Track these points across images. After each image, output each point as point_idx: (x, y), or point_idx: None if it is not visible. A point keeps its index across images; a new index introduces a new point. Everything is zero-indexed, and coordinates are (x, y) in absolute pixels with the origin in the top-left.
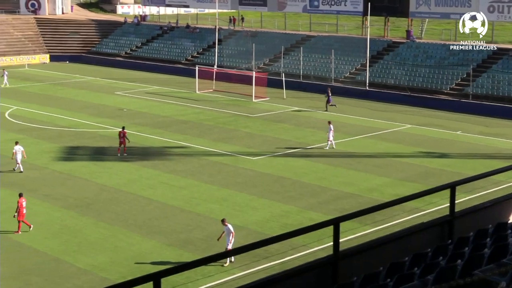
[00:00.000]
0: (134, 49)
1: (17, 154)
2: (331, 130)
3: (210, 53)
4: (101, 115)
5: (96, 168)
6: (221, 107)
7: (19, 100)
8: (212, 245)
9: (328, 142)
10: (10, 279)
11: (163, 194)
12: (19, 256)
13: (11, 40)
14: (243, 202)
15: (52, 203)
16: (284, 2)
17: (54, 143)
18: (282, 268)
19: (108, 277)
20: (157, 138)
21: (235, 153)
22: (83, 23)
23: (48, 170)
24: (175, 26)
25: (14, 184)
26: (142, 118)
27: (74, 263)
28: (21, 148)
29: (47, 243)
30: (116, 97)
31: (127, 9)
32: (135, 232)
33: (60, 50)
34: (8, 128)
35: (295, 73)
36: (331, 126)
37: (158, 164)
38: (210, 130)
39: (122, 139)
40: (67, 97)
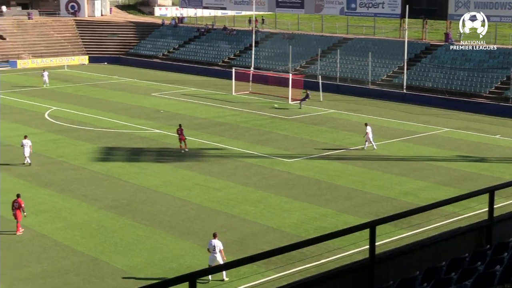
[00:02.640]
0: (171, 50)
1: (25, 148)
2: (369, 132)
3: (247, 55)
4: (138, 117)
5: (132, 169)
6: (258, 109)
7: (59, 100)
8: (247, 247)
9: (366, 143)
10: (48, 277)
11: (198, 195)
12: (57, 255)
13: (51, 41)
14: (278, 204)
15: (90, 203)
16: (321, 4)
17: (93, 143)
18: (318, 270)
19: (144, 277)
20: (193, 139)
21: (271, 155)
22: (122, 25)
23: (86, 171)
24: (212, 28)
25: (53, 184)
26: (178, 120)
27: (110, 263)
28: (29, 143)
29: (84, 243)
30: (153, 98)
31: (165, 11)
32: (170, 233)
33: (98, 52)
34: (47, 128)
35: (331, 75)
36: (368, 128)
37: (194, 166)
38: (246, 132)
39: (181, 135)
40: (105, 98)
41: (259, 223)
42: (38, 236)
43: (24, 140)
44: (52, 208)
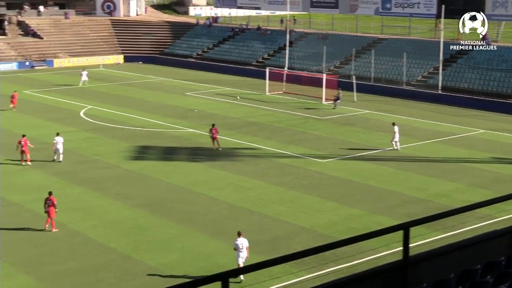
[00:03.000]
0: (205, 50)
1: (58, 145)
2: (396, 132)
3: (281, 55)
4: (172, 116)
5: (166, 167)
6: (291, 109)
7: (94, 99)
8: (279, 246)
9: (397, 143)
10: (82, 274)
11: (231, 195)
12: (91, 252)
13: (87, 41)
14: (310, 204)
15: (124, 201)
16: (356, 4)
17: (127, 142)
18: (350, 271)
19: (176, 276)
20: (226, 139)
21: (304, 155)
22: (157, 24)
23: (120, 169)
24: (246, 28)
25: (87, 182)
26: (212, 119)
27: (143, 261)
28: (61, 139)
29: (118, 240)
30: (187, 98)
31: (199, 11)
32: (202, 232)
33: (133, 51)
34: (83, 127)
35: (366, 75)
36: (395, 127)
37: (227, 165)
38: (279, 132)
39: (214, 135)
40: (139, 98)
41: (291, 223)
42: (72, 233)
43: (57, 137)
44: (86, 206)
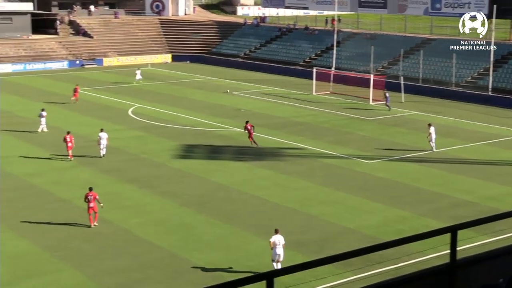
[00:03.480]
0: (253, 50)
1: (102, 140)
2: (432, 132)
3: (328, 55)
4: (219, 115)
5: (212, 166)
6: (338, 109)
7: (142, 98)
8: (325, 247)
9: (430, 144)
10: (130, 271)
11: (277, 194)
12: (138, 250)
13: (136, 40)
14: (356, 205)
15: (171, 199)
16: (405, 4)
17: (174, 141)
18: (396, 274)
19: (222, 274)
20: (272, 139)
21: (350, 156)
22: (204, 24)
23: (168, 168)
24: (293, 28)
25: (135, 180)
26: (258, 119)
27: (190, 260)
28: (105, 135)
29: (165, 238)
30: (234, 97)
31: (247, 11)
32: (248, 232)
33: (181, 50)
34: (131, 125)
35: (414, 76)
36: (431, 128)
37: (273, 165)
38: (325, 132)
39: (250, 131)
40: (187, 97)
41: (337, 224)
42: (120, 230)
43: (101, 133)
44: (134, 203)
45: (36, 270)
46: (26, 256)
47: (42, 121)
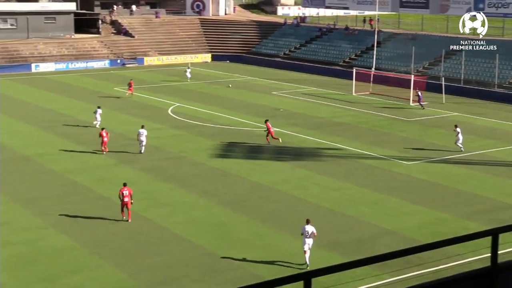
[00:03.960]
0: (292, 50)
1: (141, 137)
2: (459, 133)
3: (368, 56)
4: (258, 115)
5: (250, 166)
6: (377, 110)
7: (182, 97)
8: (363, 248)
9: (459, 145)
10: (168, 269)
11: (315, 194)
12: (177, 248)
13: (176, 39)
14: (395, 207)
15: (209, 199)
16: (447, 4)
17: (213, 140)
18: (435, 276)
19: (259, 274)
20: (311, 139)
21: (390, 157)
22: (244, 24)
23: (206, 166)
24: (333, 28)
25: (174, 178)
26: (297, 119)
27: (227, 258)
28: (144, 132)
29: (203, 237)
30: (273, 97)
31: (287, 11)
32: (286, 231)
33: (221, 50)
34: (170, 124)
35: (455, 77)
36: (458, 129)
37: (311, 165)
38: (365, 133)
39: (268, 129)
40: (226, 96)
41: (375, 225)
42: (159, 228)
43: (141, 130)
44: (173, 202)
45: (76, 267)
46: (67, 253)
47: (97, 118)
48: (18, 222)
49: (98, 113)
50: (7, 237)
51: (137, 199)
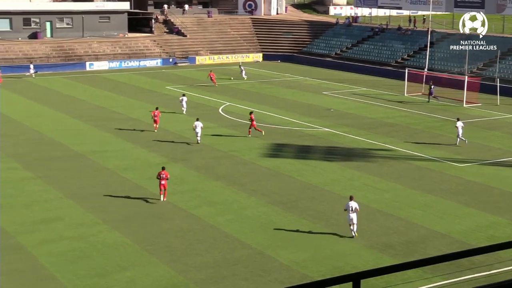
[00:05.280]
0: (344, 50)
1: (197, 128)
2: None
3: (421, 56)
4: (308, 115)
5: (301, 166)
6: (430, 111)
7: (232, 96)
8: (413, 250)
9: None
10: (217, 267)
11: (365, 195)
12: (226, 246)
13: (228, 39)
14: (447, 209)
15: (259, 198)
16: (504, 4)
17: (263, 140)
18: (488, 281)
19: (308, 274)
20: (362, 139)
21: (442, 159)
22: (296, 23)
23: (256, 166)
24: (386, 28)
25: (224, 177)
26: (348, 119)
27: (276, 258)
28: (200, 124)
29: (253, 236)
30: (323, 97)
31: (339, 10)
32: (335, 232)
33: (272, 50)
34: (221, 123)
35: (511, 78)
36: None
37: (362, 166)
38: (416, 134)
39: (252, 121)
40: (276, 95)
41: (426, 227)
42: (209, 226)
43: (196, 122)
44: (223, 200)
45: (127, 263)
46: (118, 249)
47: (184, 105)
48: (71, 217)
49: (184, 101)
50: (62, 232)
51: (187, 198)
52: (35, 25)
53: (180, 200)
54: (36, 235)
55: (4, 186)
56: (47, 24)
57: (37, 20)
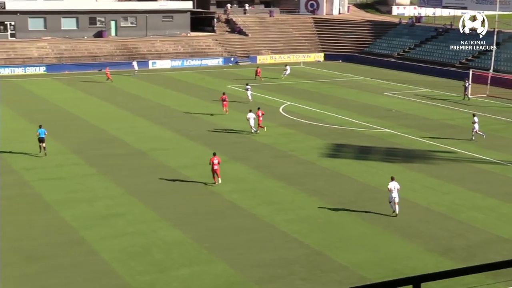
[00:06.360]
0: (406, 50)
1: (250, 120)
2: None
3: (486, 57)
4: (369, 115)
5: (360, 167)
6: (494, 113)
7: (293, 96)
8: (475, 255)
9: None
10: (275, 266)
11: (426, 198)
12: (284, 245)
13: (289, 38)
14: (510, 213)
15: (318, 197)
16: None
17: (323, 139)
18: None
19: (366, 275)
20: (423, 141)
21: (506, 162)
22: (358, 23)
23: (315, 166)
24: (450, 28)
25: (283, 176)
26: (409, 120)
27: (335, 258)
28: (253, 115)
29: (311, 236)
30: (384, 97)
31: (403, 10)
32: (395, 234)
33: (334, 49)
34: (281, 122)
35: None
36: (475, 118)
37: (422, 167)
38: (479, 136)
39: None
40: (337, 96)
41: (488, 231)
42: (267, 225)
43: (249, 114)
44: (281, 199)
45: (186, 260)
46: (178, 246)
47: (248, 94)
48: (132, 214)
49: (249, 90)
50: (123, 228)
51: (246, 196)
52: (100, 24)
53: (240, 198)
54: (98, 230)
55: (68, 182)
56: (112, 23)
57: (103, 19)
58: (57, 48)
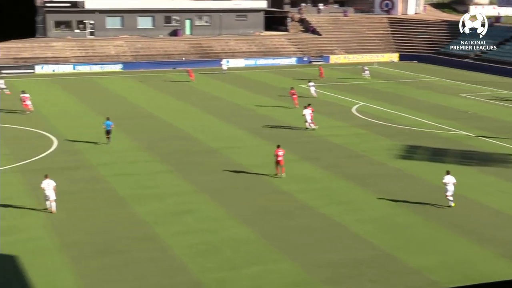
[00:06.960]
0: (484, 51)
1: (306, 116)
2: None
3: None
4: (442, 116)
5: (432, 169)
6: None
7: (366, 96)
8: None
9: None
10: (344, 267)
11: (500, 201)
12: (353, 246)
13: (363, 38)
14: None
15: (388, 199)
16: None
17: (395, 140)
18: None
19: (437, 280)
20: (501, 144)
21: None
22: (434, 23)
23: (386, 166)
24: None
25: (354, 177)
26: (485, 122)
27: (403, 261)
28: (308, 111)
29: (379, 237)
30: (460, 99)
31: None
32: (466, 237)
33: (409, 50)
34: (353, 122)
35: None
36: None
37: (498, 171)
38: None
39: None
40: (411, 96)
41: None
42: (336, 225)
43: (305, 110)
44: (351, 200)
45: (255, 258)
46: (247, 244)
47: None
48: (204, 211)
49: (312, 87)
50: (194, 225)
51: (316, 196)
52: (175, 23)
53: (309, 198)
54: (169, 227)
55: (141, 178)
56: (187, 22)
57: (178, 18)
58: (133, 46)
